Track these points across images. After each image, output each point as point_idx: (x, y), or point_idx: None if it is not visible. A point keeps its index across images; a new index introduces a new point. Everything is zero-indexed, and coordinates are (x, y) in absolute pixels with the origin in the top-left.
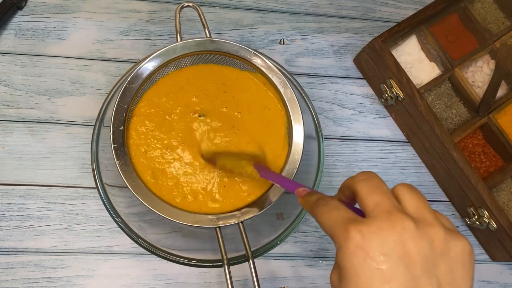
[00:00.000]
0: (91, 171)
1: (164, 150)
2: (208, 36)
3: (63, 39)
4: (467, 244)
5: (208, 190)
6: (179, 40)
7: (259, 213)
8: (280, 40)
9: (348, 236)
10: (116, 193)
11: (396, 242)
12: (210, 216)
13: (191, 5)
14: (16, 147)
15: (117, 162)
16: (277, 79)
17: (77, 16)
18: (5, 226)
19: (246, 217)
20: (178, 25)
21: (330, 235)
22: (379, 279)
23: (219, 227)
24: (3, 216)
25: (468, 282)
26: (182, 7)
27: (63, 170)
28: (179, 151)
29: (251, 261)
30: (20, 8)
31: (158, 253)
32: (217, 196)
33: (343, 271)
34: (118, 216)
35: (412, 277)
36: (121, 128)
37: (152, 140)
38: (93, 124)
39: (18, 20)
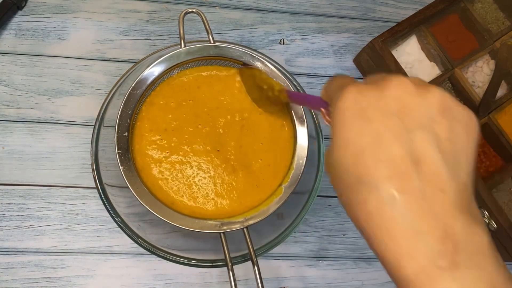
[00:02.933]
0: (91, 171)
1: (169, 155)
2: (212, 41)
3: (63, 39)
4: (474, 117)
5: (212, 195)
6: (183, 46)
7: (264, 217)
8: (280, 40)
9: (343, 94)
10: (116, 193)
11: (392, 97)
12: (214, 222)
13: (194, 11)
14: (16, 147)
15: (121, 167)
16: (281, 84)
17: (77, 16)
18: (5, 226)
19: (251, 223)
20: (182, 31)
21: (330, 104)
22: (370, 132)
23: (223, 233)
24: (3, 216)
25: (470, 153)
26: (186, 13)
27: (63, 170)
28: (185, 155)
29: (256, 267)
30: (20, 8)
31: (158, 253)
32: (221, 201)
33: (333, 131)
34: (118, 216)
35: (407, 129)
36: (126, 134)
37: (157, 145)
38: (93, 124)
39: (18, 20)
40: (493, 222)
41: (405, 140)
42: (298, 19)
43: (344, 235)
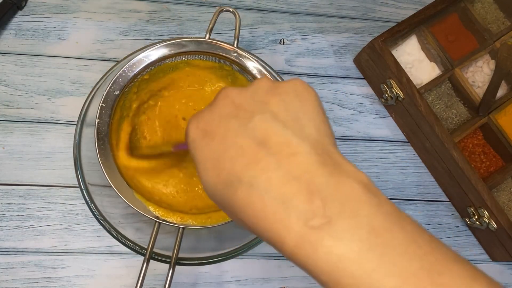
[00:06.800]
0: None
1: (151, 144)
2: (235, 46)
3: (63, 39)
4: (298, 80)
5: (179, 187)
6: (207, 37)
7: (204, 227)
8: (280, 40)
9: (187, 128)
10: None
11: (221, 106)
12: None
13: (231, 10)
14: (16, 147)
15: (97, 146)
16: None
17: (77, 16)
18: (5, 226)
19: (188, 226)
20: (211, 25)
21: None
22: (217, 143)
23: (159, 223)
24: (3, 216)
25: (310, 111)
26: (222, 11)
27: (63, 170)
28: (163, 144)
29: (171, 270)
30: (20, 8)
31: (156, 258)
32: (183, 194)
33: (194, 162)
34: (111, 227)
35: (244, 122)
36: (107, 119)
37: (139, 133)
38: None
39: (18, 20)
40: (493, 222)
41: (245, 131)
42: (298, 19)
43: None
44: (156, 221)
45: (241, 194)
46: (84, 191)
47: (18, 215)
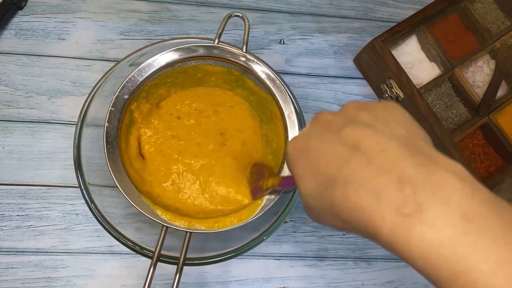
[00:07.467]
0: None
1: (159, 148)
2: (244, 50)
3: (63, 39)
4: (389, 101)
5: (192, 196)
6: (216, 42)
7: (210, 232)
8: (280, 40)
9: (286, 148)
10: (115, 194)
11: (314, 126)
12: (162, 215)
13: (240, 15)
14: (16, 147)
15: (106, 150)
16: (282, 97)
17: (77, 16)
18: (5, 226)
19: (195, 231)
20: (221, 30)
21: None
22: (313, 155)
23: (166, 227)
24: (3, 216)
25: (397, 118)
26: (230, 16)
27: (63, 170)
28: (176, 153)
29: (178, 275)
30: (20, 8)
31: (162, 259)
32: (200, 202)
33: (292, 175)
34: (111, 227)
35: (336, 132)
36: (116, 123)
37: (148, 136)
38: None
39: (18, 20)
40: None
41: (338, 139)
42: (298, 19)
43: (344, 235)
44: (164, 225)
45: (338, 191)
46: (84, 191)
47: (18, 215)
